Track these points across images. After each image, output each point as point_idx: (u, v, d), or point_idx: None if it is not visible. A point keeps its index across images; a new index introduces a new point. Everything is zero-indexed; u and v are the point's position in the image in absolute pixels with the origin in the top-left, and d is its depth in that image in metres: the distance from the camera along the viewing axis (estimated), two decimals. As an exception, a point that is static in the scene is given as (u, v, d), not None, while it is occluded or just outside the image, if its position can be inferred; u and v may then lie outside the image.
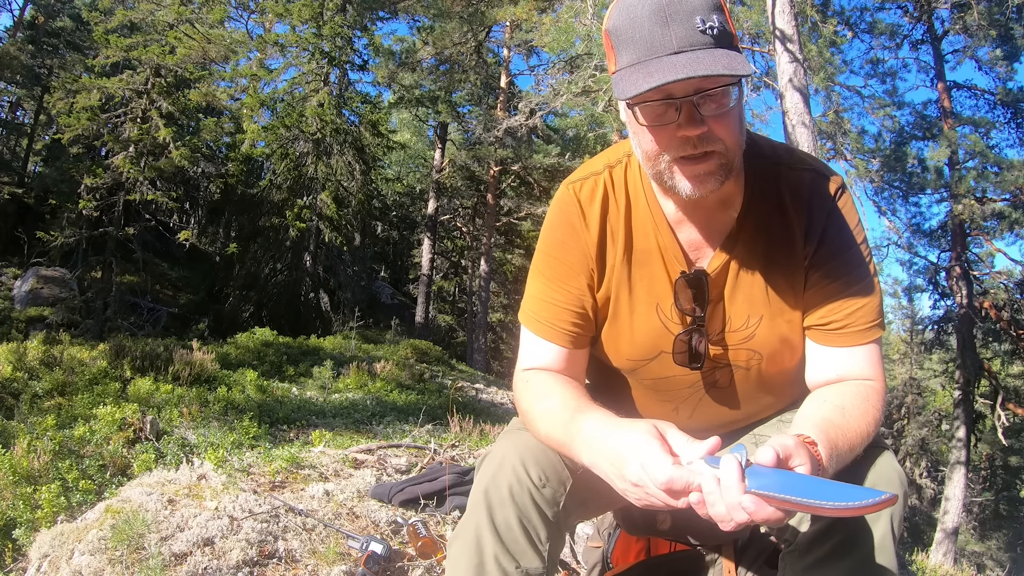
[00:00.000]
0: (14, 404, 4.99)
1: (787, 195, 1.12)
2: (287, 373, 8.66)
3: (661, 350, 1.19)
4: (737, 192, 1.13)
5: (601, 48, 9.98)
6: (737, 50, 0.96)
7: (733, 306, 1.15)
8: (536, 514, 1.12)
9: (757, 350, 1.17)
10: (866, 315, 1.12)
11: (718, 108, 0.96)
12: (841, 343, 1.13)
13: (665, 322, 1.17)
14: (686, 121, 0.96)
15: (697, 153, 0.99)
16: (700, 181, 1.00)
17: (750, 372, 1.20)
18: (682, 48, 0.93)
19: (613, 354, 1.23)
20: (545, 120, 18.71)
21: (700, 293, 1.12)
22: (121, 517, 2.19)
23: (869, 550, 1.04)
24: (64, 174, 15.36)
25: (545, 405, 1.12)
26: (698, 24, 0.93)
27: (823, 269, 1.11)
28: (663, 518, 1.45)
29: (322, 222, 16.37)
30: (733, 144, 1.00)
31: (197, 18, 15.76)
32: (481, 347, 18.77)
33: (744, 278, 1.14)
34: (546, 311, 1.20)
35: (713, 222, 1.13)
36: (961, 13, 13.23)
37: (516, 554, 1.10)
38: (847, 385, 1.12)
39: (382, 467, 3.21)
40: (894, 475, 1.09)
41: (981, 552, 21.19)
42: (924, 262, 14.91)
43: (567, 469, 1.17)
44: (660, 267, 1.15)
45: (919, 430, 23.36)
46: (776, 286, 1.13)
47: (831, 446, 0.96)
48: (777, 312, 1.14)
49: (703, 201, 1.08)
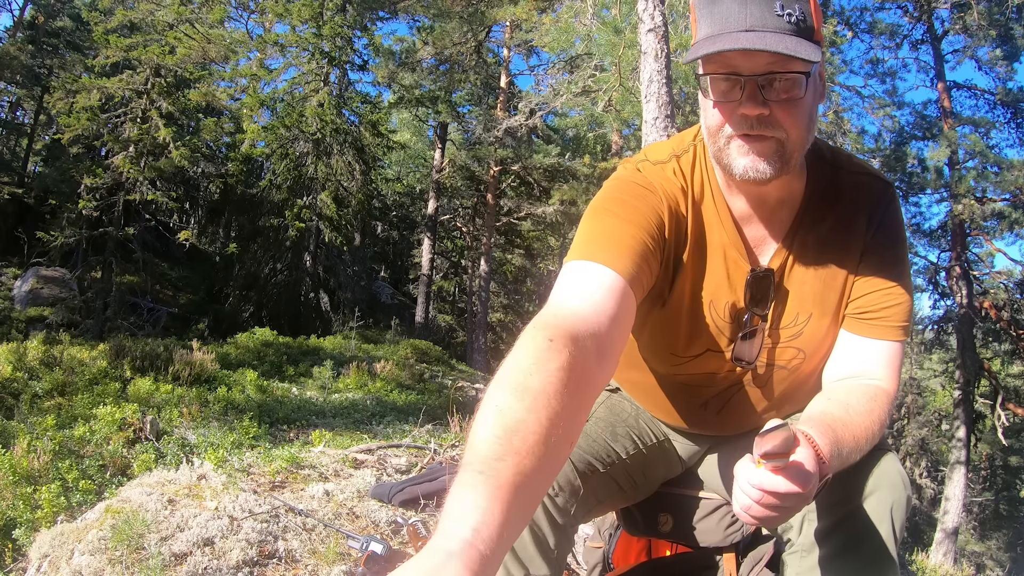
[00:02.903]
0: (14, 404, 4.99)
1: (845, 198, 1.13)
2: (287, 373, 8.66)
3: (708, 348, 1.16)
4: (798, 191, 1.13)
5: (601, 48, 9.99)
6: (815, 43, 0.95)
7: (785, 304, 1.14)
8: (547, 522, 1.11)
9: (802, 348, 1.16)
10: (898, 314, 1.12)
11: (785, 94, 0.96)
12: (871, 334, 1.13)
13: (716, 320, 1.14)
14: (747, 99, 0.96)
15: (754, 134, 0.98)
16: (753, 161, 0.99)
17: (790, 372, 1.19)
18: (753, 27, 0.93)
19: (656, 344, 1.20)
20: (545, 120, 18.71)
21: (765, 292, 1.12)
22: (121, 517, 2.19)
23: (871, 551, 1.03)
24: (64, 174, 15.36)
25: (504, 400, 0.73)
26: (776, 9, 0.93)
27: (870, 264, 1.12)
28: (664, 519, 1.45)
29: (322, 222, 16.37)
30: (796, 136, 0.99)
31: (197, 18, 15.75)
32: (481, 347, 18.77)
33: (797, 276, 1.13)
34: (608, 234, 1.02)
35: (774, 220, 1.13)
36: (961, 13, 13.23)
37: (526, 561, 1.09)
38: (855, 383, 1.12)
39: (382, 467, 3.21)
40: (896, 477, 1.08)
41: (981, 552, 21.19)
42: (924, 262, 14.92)
43: (579, 478, 1.18)
44: (721, 263, 1.12)
45: (919, 430, 23.35)
46: (826, 285, 1.13)
47: (834, 441, 0.95)
48: (825, 311, 1.14)
49: (767, 198, 1.09)
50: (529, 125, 16.14)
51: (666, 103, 5.75)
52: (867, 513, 1.04)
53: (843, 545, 1.05)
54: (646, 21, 5.91)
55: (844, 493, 1.06)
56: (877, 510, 1.04)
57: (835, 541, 1.06)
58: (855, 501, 1.05)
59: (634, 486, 1.34)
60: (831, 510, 1.06)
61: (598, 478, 1.23)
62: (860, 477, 1.06)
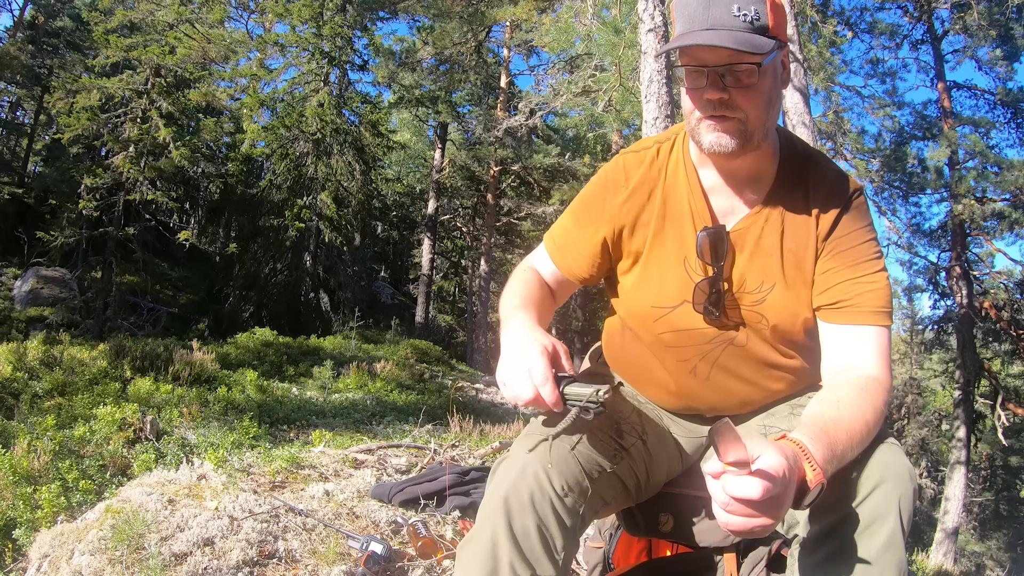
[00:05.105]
0: (14, 404, 4.99)
1: (812, 185, 1.27)
2: (287, 373, 8.66)
3: (684, 299, 1.30)
4: (769, 172, 1.28)
5: (601, 48, 10.01)
6: (771, 38, 1.13)
7: (751, 269, 1.27)
8: (555, 523, 1.13)
9: (765, 315, 1.27)
10: (874, 300, 1.22)
11: (743, 81, 1.14)
12: (849, 321, 1.22)
13: (690, 273, 1.29)
14: (710, 86, 1.15)
15: (717, 115, 1.16)
16: (716, 137, 1.17)
17: (761, 337, 1.29)
18: (713, 26, 1.11)
19: (639, 301, 1.35)
20: (545, 120, 18.71)
21: (720, 246, 1.25)
22: (121, 517, 2.19)
23: (878, 545, 1.03)
24: (64, 174, 15.36)
25: (517, 290, 1.38)
26: (734, 11, 1.11)
27: (836, 254, 1.24)
28: (665, 519, 1.45)
29: (322, 222, 16.37)
30: (755, 116, 1.16)
31: (197, 18, 15.75)
32: (481, 347, 18.77)
33: (763, 247, 1.27)
34: (562, 239, 1.44)
35: (743, 194, 1.28)
36: (961, 13, 13.22)
37: (532, 561, 1.10)
38: (845, 379, 1.18)
39: (382, 467, 3.21)
40: (903, 469, 1.08)
41: (981, 552, 21.18)
42: (924, 262, 14.90)
43: (587, 479, 1.20)
44: (690, 226, 1.29)
45: (919, 430, 23.37)
46: (790, 261, 1.26)
47: (827, 444, 0.99)
48: (790, 283, 1.26)
49: (736, 173, 1.27)
50: (529, 125, 16.15)
51: (666, 103, 5.74)
52: (874, 507, 1.04)
53: (850, 540, 1.05)
54: (646, 21, 5.91)
55: (849, 488, 1.06)
56: (884, 503, 1.04)
57: (842, 536, 1.06)
58: (861, 495, 1.06)
59: (638, 485, 1.35)
60: (837, 505, 1.06)
61: (604, 478, 1.25)
62: (865, 471, 1.07)
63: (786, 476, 0.89)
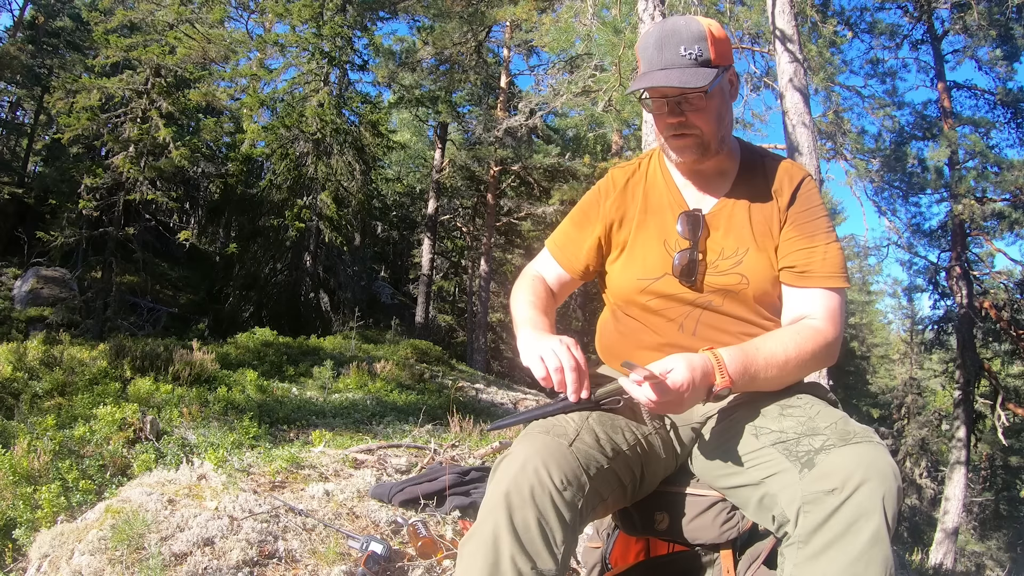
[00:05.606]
0: (14, 404, 5.00)
1: (768, 173, 1.54)
2: (287, 373, 8.66)
3: (665, 272, 1.50)
4: (732, 168, 1.55)
5: (601, 48, 10.03)
6: (713, 68, 1.38)
7: (727, 240, 1.49)
8: (555, 516, 1.17)
9: (744, 275, 1.46)
10: (827, 266, 1.44)
11: (694, 107, 1.41)
12: (804, 284, 1.45)
13: (670, 251, 1.51)
14: (668, 113, 1.43)
15: (678, 134, 1.44)
16: (680, 151, 1.46)
17: (740, 300, 1.48)
18: (665, 67, 1.38)
19: (628, 277, 1.56)
20: (545, 120, 18.71)
21: (695, 225, 1.50)
22: (121, 517, 2.20)
23: (865, 541, 1.08)
24: (64, 174, 15.35)
25: (524, 297, 1.59)
26: (681, 52, 1.37)
27: (795, 225, 1.48)
28: (660, 517, 1.46)
29: (322, 222, 16.37)
30: (708, 131, 1.43)
31: (197, 18, 15.74)
32: (481, 347, 18.77)
33: (735, 220, 1.50)
34: (563, 240, 1.68)
35: (711, 186, 1.55)
36: (961, 13, 13.21)
37: (533, 555, 1.14)
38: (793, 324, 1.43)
39: (382, 467, 3.22)
40: (887, 468, 1.13)
41: (981, 552, 21.19)
42: (924, 262, 14.91)
43: (585, 474, 1.24)
44: (670, 213, 1.55)
45: (919, 430, 23.39)
46: (759, 229, 1.49)
47: (743, 360, 1.29)
48: (761, 247, 1.48)
49: (704, 172, 1.54)
50: (529, 125, 16.13)
51: (666, 103, 5.73)
52: (859, 504, 1.09)
53: (838, 536, 1.09)
54: (646, 21, 5.91)
55: (835, 484, 1.12)
56: (869, 501, 1.09)
57: (829, 532, 1.10)
58: (847, 492, 1.10)
59: (634, 481, 1.38)
60: (824, 501, 1.11)
61: (602, 474, 1.29)
62: (850, 469, 1.12)
63: (684, 387, 1.21)
